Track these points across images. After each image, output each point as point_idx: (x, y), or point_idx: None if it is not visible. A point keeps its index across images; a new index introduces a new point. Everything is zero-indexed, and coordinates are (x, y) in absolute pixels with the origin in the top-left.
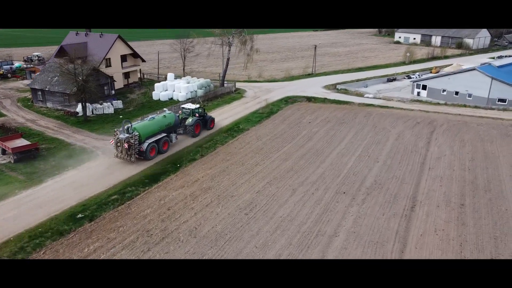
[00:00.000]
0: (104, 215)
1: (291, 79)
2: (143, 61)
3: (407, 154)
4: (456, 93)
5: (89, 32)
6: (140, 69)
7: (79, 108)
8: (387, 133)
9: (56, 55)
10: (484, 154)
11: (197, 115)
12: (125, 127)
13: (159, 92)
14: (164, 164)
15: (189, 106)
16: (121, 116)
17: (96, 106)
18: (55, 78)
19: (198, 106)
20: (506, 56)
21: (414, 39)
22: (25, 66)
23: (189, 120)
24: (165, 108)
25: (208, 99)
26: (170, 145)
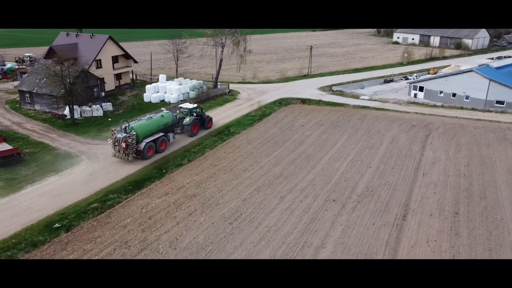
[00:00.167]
0: (82, 224)
1: (286, 80)
2: (135, 62)
3: (401, 159)
4: (454, 95)
5: (80, 32)
6: (132, 70)
7: (67, 111)
8: (381, 136)
9: (45, 56)
10: (480, 159)
11: (194, 114)
12: (122, 126)
13: (150, 94)
14: (149, 169)
15: (186, 105)
16: (109, 119)
17: (84, 108)
18: (43, 80)
19: (195, 105)
20: (505, 57)
21: (413, 39)
22: (16, 67)
23: (186, 120)
24: (162, 108)
25: (200, 101)
26: (167, 144)
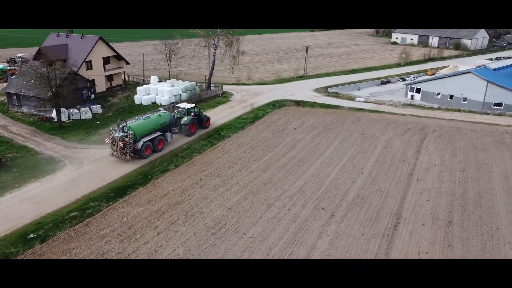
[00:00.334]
0: (58, 234)
1: (281, 81)
2: (127, 63)
3: (395, 164)
4: (451, 96)
5: (71, 33)
6: (124, 71)
7: (54, 113)
8: (376, 140)
9: (34, 57)
10: (476, 164)
11: (192, 114)
12: (120, 126)
13: (142, 96)
14: (134, 175)
15: (184, 105)
16: (98, 122)
17: (73, 111)
18: (30, 82)
19: (193, 105)
20: (505, 58)
21: (411, 39)
22: (8, 68)
23: (184, 119)
24: (160, 107)
25: (192, 103)
26: (165, 143)
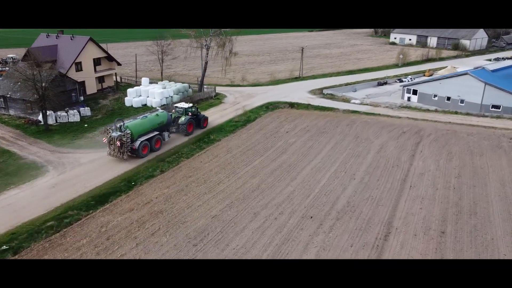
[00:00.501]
0: (32, 246)
1: (276, 83)
2: (119, 64)
3: (388, 169)
4: (448, 98)
5: (61, 34)
6: (115, 73)
7: (41, 116)
8: (369, 144)
9: (23, 58)
10: (472, 170)
11: (190, 114)
12: (117, 125)
13: (132, 98)
14: (117, 181)
15: (182, 105)
16: (86, 125)
17: (60, 114)
18: (17, 84)
19: (191, 105)
20: (504, 58)
21: (410, 40)
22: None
23: (182, 119)
24: (157, 107)
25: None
26: (162, 143)
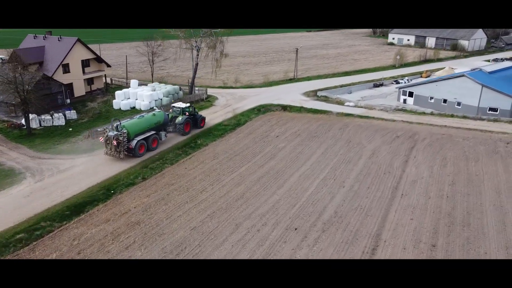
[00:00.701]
0: None
1: (269, 84)
2: (108, 66)
3: (379, 176)
4: (445, 101)
5: (49, 35)
6: (105, 74)
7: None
8: (361, 149)
9: (8, 60)
10: (467, 177)
11: (187, 113)
12: (114, 124)
13: (120, 100)
14: (96, 189)
15: (179, 104)
16: (70, 129)
17: (44, 117)
18: (1, 87)
19: (188, 105)
20: (502, 59)
21: (408, 40)
22: None
23: (179, 119)
24: (154, 107)
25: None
26: (159, 142)
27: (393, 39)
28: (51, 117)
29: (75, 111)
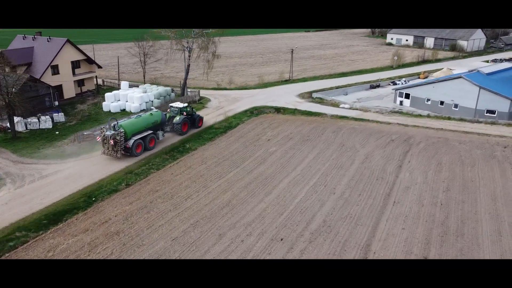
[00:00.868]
0: None
1: (264, 86)
2: (99, 67)
3: (371, 182)
4: (441, 103)
5: (38, 35)
6: (96, 76)
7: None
8: (354, 154)
9: None
10: (462, 183)
11: (184, 113)
12: (111, 124)
13: (110, 102)
14: (77, 196)
15: (177, 104)
16: (57, 132)
17: (31, 120)
18: None
19: (186, 104)
20: (501, 60)
21: (407, 40)
22: None
23: (176, 119)
24: (152, 106)
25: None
26: (157, 142)
27: (391, 39)
28: (37, 120)
29: (63, 113)
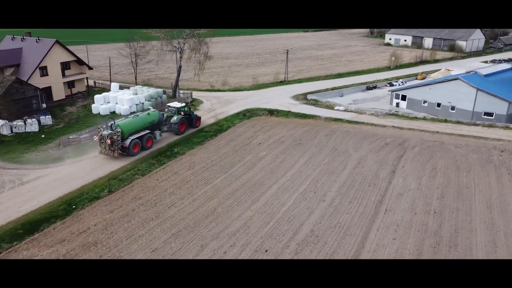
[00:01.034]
0: None
1: (258, 87)
2: (90, 68)
3: (363, 189)
4: (438, 105)
5: (28, 36)
6: (87, 77)
7: None
8: (347, 158)
9: None
10: (457, 189)
11: (182, 113)
12: (108, 124)
13: (99, 105)
14: (57, 204)
15: (174, 104)
16: (43, 136)
17: (16, 123)
18: None
19: (183, 104)
20: (500, 60)
21: (405, 41)
22: None
23: (174, 118)
24: (149, 106)
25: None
26: (154, 141)
27: (390, 39)
28: (23, 123)
29: (50, 116)
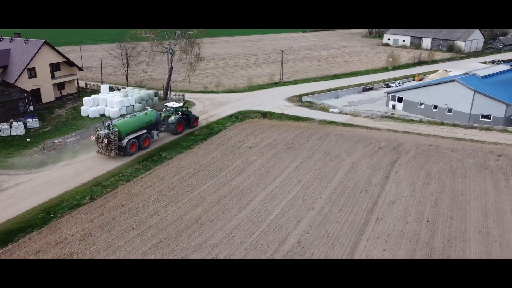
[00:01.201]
0: None
1: (253, 89)
2: (81, 70)
3: (355, 196)
4: (435, 107)
5: (17, 37)
6: (77, 79)
7: None
8: (339, 163)
9: None
10: (452, 196)
11: (180, 113)
12: (105, 123)
13: (88, 107)
14: (35, 212)
15: (172, 104)
16: (28, 140)
17: (2, 126)
18: None
19: (181, 104)
20: (499, 61)
21: (404, 41)
22: None
23: (171, 118)
24: (147, 106)
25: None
26: (151, 141)
27: (388, 40)
28: (9, 126)
29: (37, 119)
